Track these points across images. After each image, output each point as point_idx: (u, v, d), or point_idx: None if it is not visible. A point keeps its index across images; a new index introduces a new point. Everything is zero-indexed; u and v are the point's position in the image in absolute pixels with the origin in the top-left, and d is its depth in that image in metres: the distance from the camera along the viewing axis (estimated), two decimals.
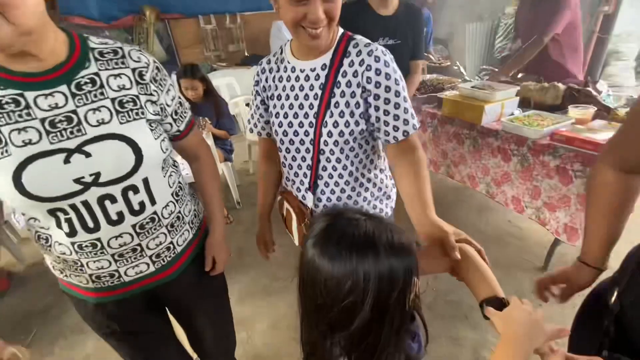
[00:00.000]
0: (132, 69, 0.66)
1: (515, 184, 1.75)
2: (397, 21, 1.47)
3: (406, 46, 1.51)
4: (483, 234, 2.15)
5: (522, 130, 1.61)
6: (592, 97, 1.75)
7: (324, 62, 0.77)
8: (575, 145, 1.43)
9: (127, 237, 0.69)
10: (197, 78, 2.20)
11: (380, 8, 1.45)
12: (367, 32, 1.35)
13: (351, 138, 0.79)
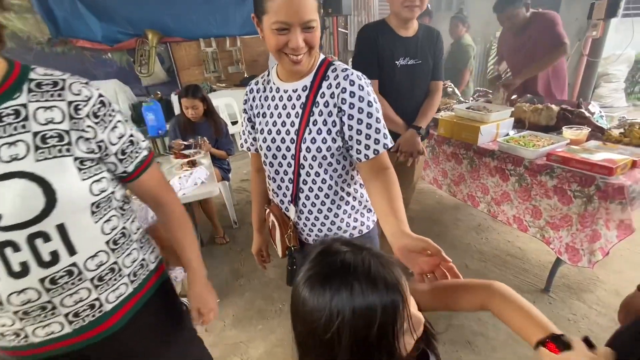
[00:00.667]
0: (68, 102, 0.60)
1: (514, 203, 1.74)
2: (417, 42, 1.48)
3: (426, 66, 1.52)
4: (482, 254, 2.12)
5: (519, 150, 1.63)
6: (586, 118, 1.78)
7: (305, 84, 0.84)
8: (571, 166, 1.43)
9: (33, 293, 0.58)
10: (197, 98, 2.22)
11: (401, 29, 1.46)
12: (388, 51, 1.43)
13: (329, 154, 0.84)
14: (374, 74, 1.44)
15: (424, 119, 1.52)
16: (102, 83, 4.33)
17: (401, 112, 1.50)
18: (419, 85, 1.54)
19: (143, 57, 4.58)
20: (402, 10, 1.37)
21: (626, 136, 1.59)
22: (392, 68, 1.46)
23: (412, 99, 1.54)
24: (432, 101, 1.56)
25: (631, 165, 1.39)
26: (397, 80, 1.48)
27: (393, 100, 1.48)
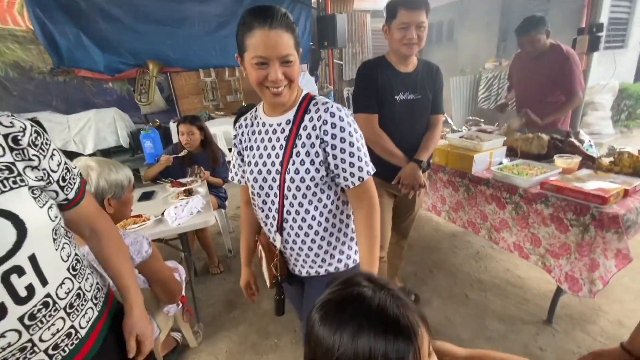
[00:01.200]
0: (3, 135, 0.58)
1: (513, 230, 1.74)
2: (417, 78, 1.50)
3: (426, 101, 1.53)
4: (482, 283, 2.08)
5: (513, 179, 1.65)
6: (576, 147, 1.83)
7: (288, 118, 0.89)
8: (565, 194, 1.45)
9: (13, 335, 0.56)
10: (195, 125, 2.25)
11: (400, 65, 1.48)
12: (387, 87, 1.46)
13: (312, 184, 0.87)
14: (373, 109, 1.47)
15: (425, 152, 1.52)
16: (101, 111, 4.39)
17: (402, 145, 1.51)
18: (419, 120, 1.56)
19: (143, 86, 4.68)
20: (400, 48, 1.40)
21: (616, 165, 1.62)
22: (392, 103, 1.47)
23: (413, 133, 1.55)
24: (432, 134, 1.57)
25: (623, 194, 1.41)
26: (397, 115, 1.50)
27: (394, 135, 1.50)
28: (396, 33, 1.39)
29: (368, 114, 1.47)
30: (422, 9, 1.34)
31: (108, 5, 4.18)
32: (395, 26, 1.39)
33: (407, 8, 1.34)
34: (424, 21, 1.36)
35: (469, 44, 6.62)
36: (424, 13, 1.36)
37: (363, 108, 1.48)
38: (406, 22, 1.35)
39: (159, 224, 1.58)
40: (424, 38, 1.40)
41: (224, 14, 4.91)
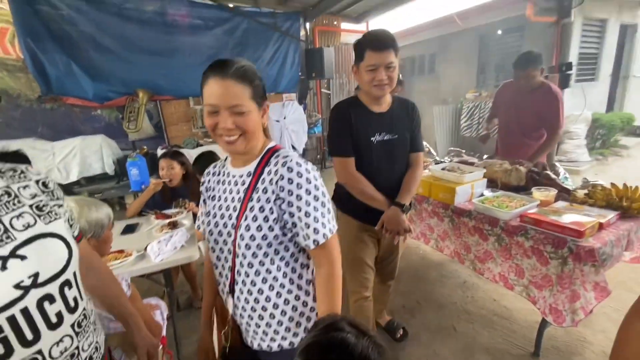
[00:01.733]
0: (35, 181, 0.70)
1: (498, 261, 1.76)
2: (392, 117, 1.45)
3: (403, 140, 1.48)
4: (469, 314, 2.08)
5: (493, 211, 1.70)
6: (552, 180, 1.90)
7: (249, 170, 0.86)
8: (543, 228, 1.49)
9: (68, 340, 0.65)
10: (175, 160, 2.25)
11: (373, 106, 1.44)
12: (362, 129, 1.42)
13: (264, 243, 0.80)
14: (349, 152, 1.42)
15: (406, 194, 1.45)
16: (88, 138, 4.37)
17: (382, 187, 1.45)
18: (399, 159, 1.50)
19: (132, 113, 4.70)
20: (371, 89, 1.37)
21: (591, 197, 1.69)
22: (368, 145, 1.43)
23: (393, 173, 1.49)
24: (413, 174, 1.51)
25: (598, 227, 1.46)
26: (375, 157, 1.44)
27: (372, 177, 1.44)
28: (365, 75, 1.35)
29: (344, 158, 1.43)
30: (389, 49, 1.30)
31: (100, 35, 4.26)
32: (363, 68, 1.35)
33: (375, 49, 1.30)
34: (393, 61, 1.32)
35: (450, 75, 6.95)
36: (393, 53, 1.31)
37: (338, 152, 1.44)
38: (374, 63, 1.30)
39: (141, 259, 1.54)
40: (394, 78, 1.36)
41: (214, 46, 5.06)
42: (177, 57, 4.78)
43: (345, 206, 1.56)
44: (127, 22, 4.37)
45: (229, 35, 5.14)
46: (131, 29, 4.40)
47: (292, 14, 5.64)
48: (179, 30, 4.74)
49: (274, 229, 0.80)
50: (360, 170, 1.44)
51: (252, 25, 5.26)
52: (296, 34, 5.75)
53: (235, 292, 0.86)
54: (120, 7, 4.30)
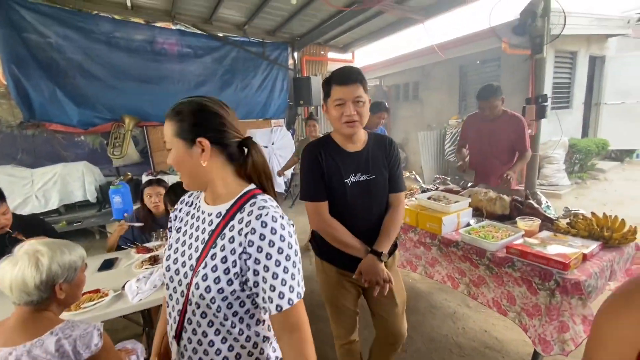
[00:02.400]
0: None
1: (491, 286, 1.73)
2: (368, 156, 1.35)
3: (381, 179, 1.37)
4: (461, 348, 2.03)
5: (480, 242, 1.70)
6: (535, 209, 1.94)
7: (220, 210, 0.79)
8: (529, 259, 1.50)
9: None
10: (162, 186, 2.21)
11: (347, 144, 1.34)
12: (335, 170, 1.31)
13: (219, 297, 0.73)
14: (322, 196, 1.32)
15: (385, 240, 1.33)
16: (70, 165, 4.27)
17: (359, 232, 1.34)
18: (376, 201, 1.38)
19: (117, 139, 4.64)
20: (342, 127, 1.29)
21: (573, 227, 1.72)
22: (342, 187, 1.32)
23: (370, 217, 1.37)
24: (392, 218, 1.39)
25: (582, 259, 1.47)
26: (350, 199, 1.33)
27: (348, 221, 1.34)
28: (333, 110, 1.28)
29: (315, 202, 1.32)
30: (356, 83, 1.24)
31: (88, 63, 4.27)
32: (331, 104, 1.29)
33: (341, 83, 1.25)
34: (361, 96, 1.26)
35: (433, 102, 7.21)
36: (360, 87, 1.25)
37: (310, 196, 1.34)
38: (341, 97, 1.25)
39: (118, 300, 1.46)
40: (364, 114, 1.28)
41: (203, 73, 5.14)
42: (165, 84, 4.82)
43: (323, 252, 1.45)
44: (115, 50, 4.41)
45: (218, 63, 5.24)
46: (119, 57, 4.44)
47: (281, 44, 5.82)
48: (168, 58, 4.80)
49: (232, 284, 0.72)
50: (335, 214, 1.34)
51: (241, 53, 5.39)
52: (284, 62, 5.91)
53: (182, 340, 0.79)
54: (109, 35, 4.36)
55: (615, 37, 6.42)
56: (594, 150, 5.80)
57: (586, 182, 5.71)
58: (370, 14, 4.73)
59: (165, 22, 4.72)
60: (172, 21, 4.66)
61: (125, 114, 4.55)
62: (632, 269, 1.68)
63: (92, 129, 4.50)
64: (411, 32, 1.43)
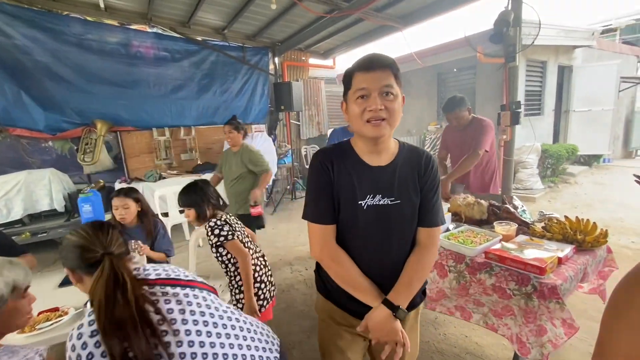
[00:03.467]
0: None
1: (452, 298, 1.73)
2: (395, 173, 1.02)
3: (408, 207, 1.02)
4: (443, 354, 2.02)
5: (459, 248, 1.70)
6: (511, 213, 1.97)
7: None
8: (507, 264, 1.51)
9: None
10: (130, 197, 2.08)
11: (369, 155, 1.03)
12: (347, 187, 1.00)
13: None
14: (330, 217, 1.02)
15: (405, 291, 1.00)
16: (35, 172, 4.02)
17: (371, 271, 1.03)
18: (398, 234, 1.04)
19: (89, 145, 4.44)
20: (362, 127, 0.97)
21: (548, 231, 1.75)
22: (355, 210, 1.00)
23: (388, 254, 1.04)
24: (419, 260, 1.04)
25: (557, 262, 1.49)
26: (363, 228, 1.01)
27: (358, 255, 1.03)
28: (354, 106, 0.97)
29: (319, 225, 1.03)
30: (385, 69, 0.94)
31: (57, 65, 4.08)
32: (352, 97, 0.98)
33: (365, 69, 0.95)
34: (392, 85, 0.94)
35: (413, 108, 7.34)
36: (391, 75, 0.95)
37: (314, 216, 1.03)
38: (364, 87, 0.94)
39: (79, 318, 1.35)
40: (396, 111, 0.96)
41: (181, 77, 5.01)
42: (140, 88, 4.67)
43: (326, 288, 1.13)
44: (87, 52, 4.24)
45: (196, 67, 5.13)
46: (91, 60, 4.27)
47: (261, 49, 5.77)
48: (144, 62, 4.66)
49: None
50: (343, 243, 1.04)
51: (221, 57, 5.30)
52: (265, 67, 5.86)
53: None
54: (81, 37, 4.18)
55: (581, 48, 6.77)
56: (565, 155, 6.05)
57: (558, 185, 5.94)
58: (350, 20, 4.77)
59: (141, 24, 4.59)
60: (148, 24, 4.53)
61: (97, 119, 4.36)
62: (605, 270, 1.73)
63: (60, 134, 4.28)
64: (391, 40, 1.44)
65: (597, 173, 6.85)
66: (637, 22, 11.11)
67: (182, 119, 5.09)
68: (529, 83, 5.99)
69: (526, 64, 5.77)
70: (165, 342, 0.78)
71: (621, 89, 7.26)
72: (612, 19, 11.30)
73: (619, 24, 11.17)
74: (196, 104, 5.18)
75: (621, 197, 5.01)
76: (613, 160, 7.78)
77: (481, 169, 2.58)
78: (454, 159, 2.76)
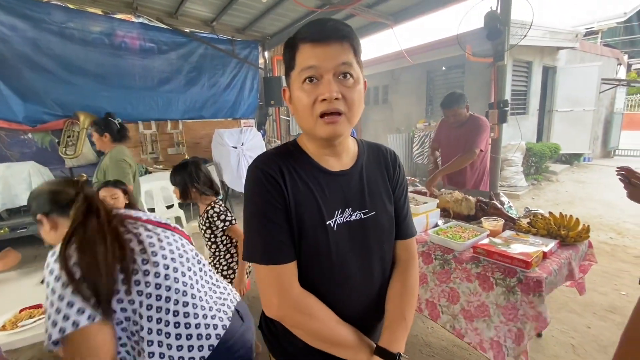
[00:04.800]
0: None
1: (430, 285, 1.74)
2: (362, 179, 0.80)
3: (385, 218, 0.82)
4: (430, 347, 2.05)
5: (448, 242, 1.73)
6: (498, 209, 2.01)
7: None
8: (494, 259, 1.54)
9: None
10: (119, 188, 2.04)
11: (327, 159, 0.78)
12: (312, 202, 0.73)
13: None
14: (286, 253, 0.72)
15: (399, 328, 0.77)
16: (14, 165, 3.87)
17: (352, 312, 0.77)
18: (378, 253, 0.82)
19: (71, 137, 4.30)
20: (315, 126, 0.70)
21: (533, 226, 1.80)
22: (323, 233, 0.74)
23: (370, 283, 0.81)
24: (406, 282, 0.84)
25: (542, 257, 1.54)
26: (336, 255, 0.75)
27: (331, 297, 0.75)
28: (300, 93, 0.70)
29: (273, 266, 0.71)
30: (343, 40, 0.69)
31: (37, 55, 3.92)
32: (296, 80, 0.71)
33: (313, 40, 0.68)
34: (351, 62, 0.69)
35: (401, 106, 7.40)
36: (350, 49, 0.70)
37: (264, 256, 0.71)
38: (313, 64, 0.67)
39: None
40: (355, 102, 0.71)
41: (167, 70, 4.91)
42: (125, 80, 4.55)
43: (285, 350, 0.83)
44: (69, 42, 4.10)
45: (183, 60, 5.03)
46: (74, 49, 4.13)
47: (251, 42, 5.70)
48: (129, 53, 4.53)
49: None
50: (309, 284, 0.74)
51: (209, 50, 5.21)
52: (255, 61, 5.79)
53: None
54: (62, 26, 4.03)
55: (565, 50, 6.94)
56: (548, 154, 6.23)
57: (541, 183, 6.11)
58: (341, 16, 4.75)
59: (126, 14, 4.45)
60: (133, 13, 4.40)
61: (80, 111, 4.22)
62: (585, 264, 1.79)
63: (40, 126, 4.13)
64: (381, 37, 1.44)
65: (577, 171, 7.08)
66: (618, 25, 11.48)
67: (169, 112, 4.99)
68: (515, 83, 6.12)
69: (513, 64, 5.89)
70: (142, 269, 0.85)
71: (601, 90, 7.50)
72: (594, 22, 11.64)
73: (600, 27, 11.52)
74: (183, 97, 5.08)
75: (600, 195, 5.20)
76: (593, 159, 8.05)
77: (476, 168, 2.60)
78: (446, 155, 2.76)
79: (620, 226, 3.88)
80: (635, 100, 12.79)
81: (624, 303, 2.39)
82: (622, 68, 9.26)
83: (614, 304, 2.38)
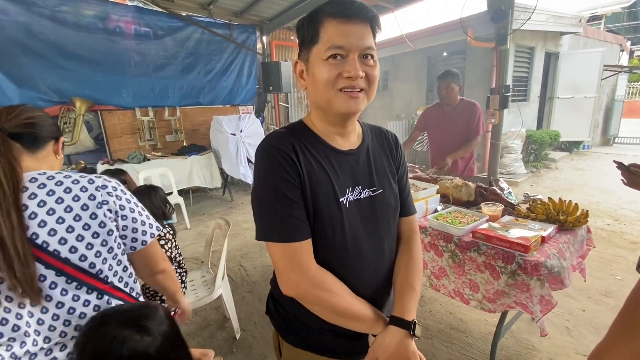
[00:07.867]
0: None
1: (451, 278, 1.79)
2: (369, 158, 0.84)
3: (391, 196, 0.85)
4: (428, 330, 2.09)
5: (447, 227, 1.73)
6: (498, 195, 2.01)
7: None
8: (492, 243, 1.55)
9: None
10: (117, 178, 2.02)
11: (336, 138, 0.80)
12: (326, 180, 0.75)
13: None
14: (302, 232, 0.72)
15: (410, 298, 0.81)
16: None
17: (366, 288, 0.80)
18: (386, 230, 0.85)
19: (67, 124, 4.25)
20: (335, 99, 0.71)
21: (532, 211, 1.81)
22: (337, 210, 0.75)
23: (381, 261, 0.84)
24: (411, 257, 0.88)
25: (541, 241, 1.55)
26: (349, 233, 0.77)
27: (345, 273, 0.77)
28: (322, 68, 0.70)
29: (289, 244, 0.71)
30: (367, 22, 0.70)
31: (30, 40, 3.84)
32: (318, 55, 0.70)
33: (342, 16, 0.68)
34: (373, 46, 0.72)
35: (402, 92, 7.32)
36: (371, 32, 0.72)
37: (281, 234, 0.71)
38: (341, 44, 0.68)
39: None
40: (375, 80, 0.74)
41: (164, 55, 4.82)
42: (120, 66, 4.47)
43: (300, 334, 0.84)
44: (62, 26, 4.00)
45: (179, 45, 4.93)
46: (67, 34, 4.03)
47: (249, 27, 5.58)
48: (123, 38, 4.44)
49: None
50: (321, 261, 0.75)
51: (206, 35, 5.11)
52: (252, 46, 5.69)
53: None
54: (55, 9, 3.93)
55: (568, 35, 6.84)
56: (547, 141, 6.21)
57: (540, 170, 6.12)
58: None
59: None
60: None
61: (76, 97, 4.16)
62: (584, 249, 1.80)
63: None
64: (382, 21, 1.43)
65: (576, 159, 7.08)
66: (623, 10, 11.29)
67: (166, 99, 4.92)
68: (516, 68, 6.05)
69: (515, 50, 5.81)
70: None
71: (603, 77, 7.43)
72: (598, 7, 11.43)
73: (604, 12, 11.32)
74: (180, 83, 5.00)
75: (598, 182, 5.21)
76: (592, 147, 8.05)
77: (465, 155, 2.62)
78: (436, 138, 2.75)
79: (618, 212, 3.91)
80: (636, 88, 12.70)
81: (619, 287, 2.43)
82: (625, 54, 9.15)
83: (609, 288, 2.42)
